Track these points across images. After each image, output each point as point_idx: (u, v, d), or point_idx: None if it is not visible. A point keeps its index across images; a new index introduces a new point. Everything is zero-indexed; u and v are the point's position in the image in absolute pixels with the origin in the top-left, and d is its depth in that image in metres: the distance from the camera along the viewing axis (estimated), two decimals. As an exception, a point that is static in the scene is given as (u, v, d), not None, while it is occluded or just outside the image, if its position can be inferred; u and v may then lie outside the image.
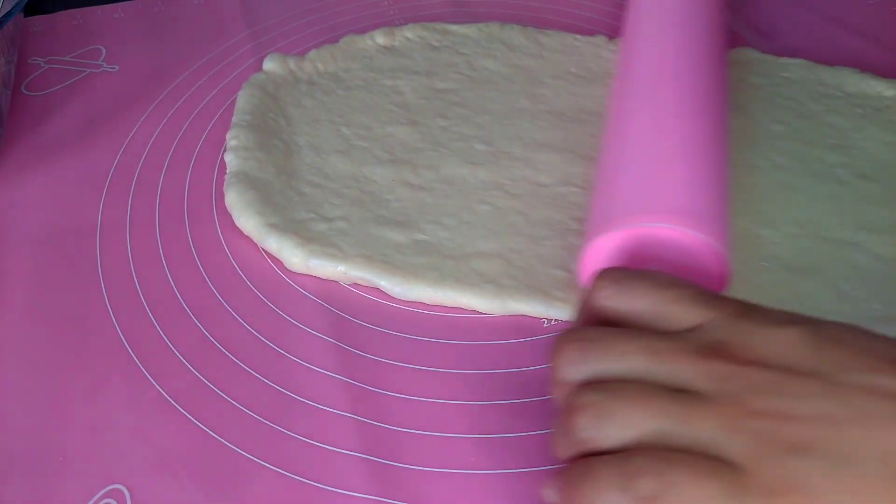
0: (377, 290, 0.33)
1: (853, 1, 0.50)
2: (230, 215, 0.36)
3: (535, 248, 0.34)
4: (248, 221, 0.35)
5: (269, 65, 0.43)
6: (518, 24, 0.47)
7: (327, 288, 0.33)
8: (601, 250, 0.30)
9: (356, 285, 0.34)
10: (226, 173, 0.37)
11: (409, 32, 0.46)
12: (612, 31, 0.47)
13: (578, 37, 0.46)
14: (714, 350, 0.23)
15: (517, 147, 0.39)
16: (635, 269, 0.27)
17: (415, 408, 0.29)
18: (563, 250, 0.34)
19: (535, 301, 0.32)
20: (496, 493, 0.26)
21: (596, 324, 0.26)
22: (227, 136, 0.39)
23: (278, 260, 0.34)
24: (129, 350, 0.31)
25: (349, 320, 0.32)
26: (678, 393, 0.23)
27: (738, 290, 0.31)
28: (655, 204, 0.30)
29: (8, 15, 0.36)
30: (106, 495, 0.26)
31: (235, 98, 0.41)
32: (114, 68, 0.46)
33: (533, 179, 0.37)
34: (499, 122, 0.41)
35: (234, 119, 0.40)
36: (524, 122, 0.41)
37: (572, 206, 0.36)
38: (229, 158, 0.38)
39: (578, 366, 0.24)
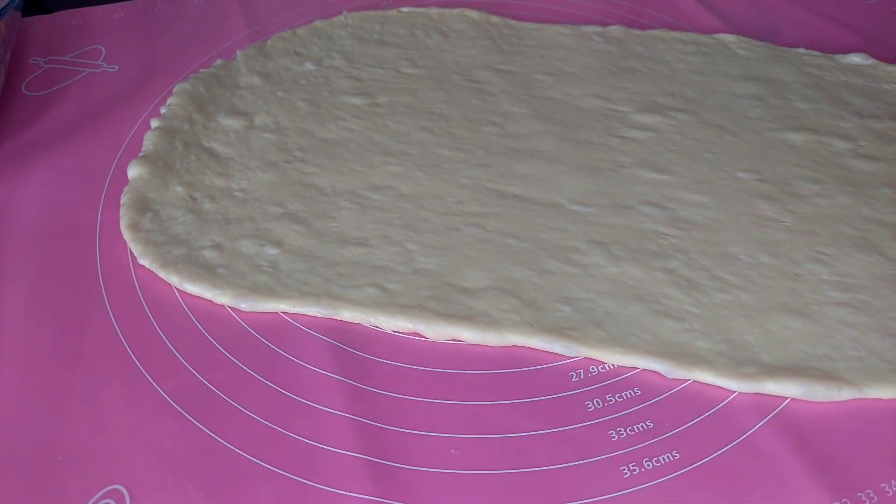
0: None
1: (853, 1, 0.50)
2: (230, 215, 0.36)
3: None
4: (145, 261, 0.34)
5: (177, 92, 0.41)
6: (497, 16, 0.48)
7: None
8: None
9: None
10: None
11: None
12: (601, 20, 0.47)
13: (564, 29, 0.46)
14: None
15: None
16: None
17: (413, 408, 0.29)
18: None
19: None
20: (494, 493, 0.26)
21: None
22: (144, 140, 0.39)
23: (278, 260, 0.34)
24: (129, 350, 0.31)
25: (346, 321, 0.32)
26: None
27: (721, 287, 0.32)
28: None
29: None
30: (105, 496, 0.26)
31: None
32: (114, 68, 0.46)
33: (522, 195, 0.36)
34: (469, 126, 0.40)
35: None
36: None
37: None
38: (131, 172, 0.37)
39: None
